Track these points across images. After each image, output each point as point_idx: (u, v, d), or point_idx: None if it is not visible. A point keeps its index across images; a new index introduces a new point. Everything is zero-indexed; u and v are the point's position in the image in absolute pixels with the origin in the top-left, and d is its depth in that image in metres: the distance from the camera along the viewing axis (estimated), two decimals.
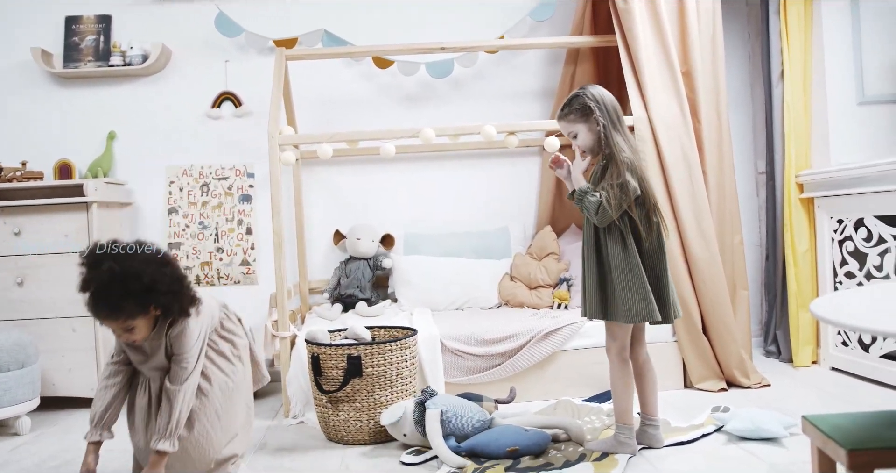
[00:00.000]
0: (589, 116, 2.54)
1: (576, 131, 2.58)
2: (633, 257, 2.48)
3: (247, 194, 4.24)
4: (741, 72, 4.47)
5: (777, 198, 4.00)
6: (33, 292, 3.69)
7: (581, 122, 2.56)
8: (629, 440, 2.59)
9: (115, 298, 2.08)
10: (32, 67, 4.21)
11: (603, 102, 2.54)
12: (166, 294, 2.16)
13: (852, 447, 1.58)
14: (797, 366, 3.81)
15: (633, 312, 2.47)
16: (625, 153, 2.51)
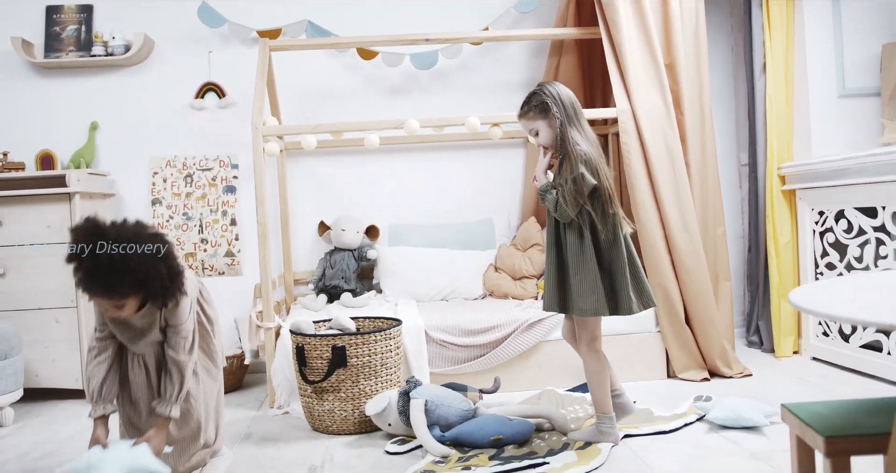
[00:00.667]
0: (548, 113, 2.58)
1: (536, 128, 2.63)
2: (587, 250, 2.52)
3: (231, 184, 4.22)
4: (724, 64, 4.50)
5: (759, 190, 4.03)
6: (16, 284, 3.67)
7: (540, 118, 2.61)
8: (610, 429, 2.61)
9: (110, 282, 2.07)
10: (13, 57, 4.17)
11: (560, 98, 2.58)
12: (161, 288, 2.16)
13: (830, 434, 1.60)
14: (779, 356, 3.85)
15: (584, 306, 2.52)
16: (579, 147, 2.53)
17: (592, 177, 2.50)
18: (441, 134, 4.08)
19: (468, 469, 2.42)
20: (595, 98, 4.31)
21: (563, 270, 2.60)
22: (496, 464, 2.44)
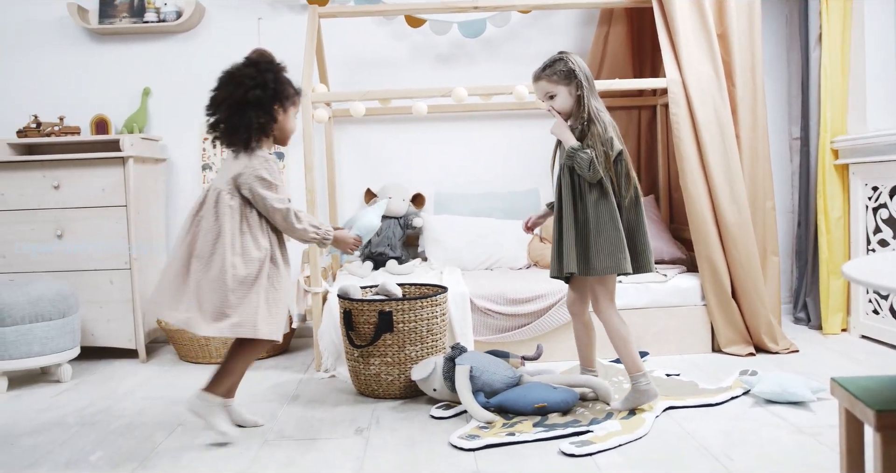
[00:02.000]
0: (571, 81, 2.63)
1: (555, 92, 2.66)
2: (612, 210, 2.57)
3: (279, 151, 4.27)
4: (777, 35, 4.40)
5: (811, 164, 3.96)
6: (73, 245, 3.77)
7: (563, 84, 2.65)
8: (647, 385, 2.63)
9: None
10: (69, 23, 4.24)
11: (583, 69, 2.65)
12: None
13: (880, 408, 1.59)
14: (826, 333, 3.81)
15: (608, 264, 2.57)
16: (604, 114, 2.63)
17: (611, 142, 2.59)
18: (488, 103, 4.07)
19: (512, 434, 2.45)
20: (644, 68, 4.26)
21: (582, 230, 2.62)
22: (540, 431, 2.47)
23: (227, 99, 2.47)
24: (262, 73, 2.49)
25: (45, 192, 3.77)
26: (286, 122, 2.59)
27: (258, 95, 2.46)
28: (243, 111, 2.45)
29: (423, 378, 2.84)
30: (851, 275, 1.57)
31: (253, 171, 2.46)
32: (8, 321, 3.22)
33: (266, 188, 2.47)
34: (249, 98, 2.45)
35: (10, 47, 4.28)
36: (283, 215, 2.50)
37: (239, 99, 2.45)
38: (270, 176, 2.48)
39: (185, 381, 3.39)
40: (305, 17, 4.08)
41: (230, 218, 2.47)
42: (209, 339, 3.65)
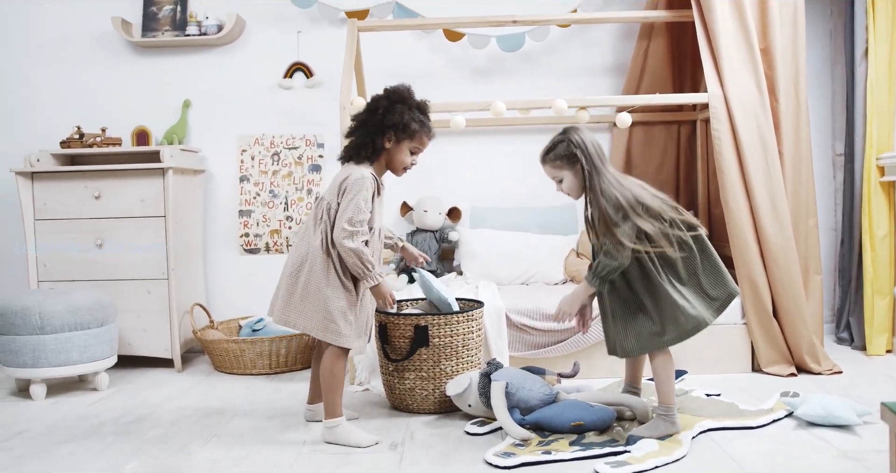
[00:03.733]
0: (575, 163, 2.57)
1: (561, 177, 2.64)
2: (657, 282, 2.52)
3: (316, 163, 4.29)
4: (822, 49, 4.33)
5: (855, 181, 3.88)
6: (111, 255, 3.82)
7: (567, 168, 2.60)
8: (674, 418, 2.57)
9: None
10: (113, 37, 4.32)
11: (586, 147, 2.57)
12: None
13: None
14: (870, 354, 3.72)
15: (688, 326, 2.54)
16: (608, 193, 2.51)
17: (626, 218, 2.49)
18: (526, 117, 4.05)
19: (548, 453, 2.41)
20: (684, 83, 4.22)
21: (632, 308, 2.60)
22: (577, 450, 2.43)
23: (353, 119, 2.72)
24: (379, 99, 2.66)
25: (86, 202, 3.83)
26: (396, 153, 2.69)
27: (364, 118, 2.65)
28: (354, 131, 2.68)
29: (458, 394, 2.82)
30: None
31: (352, 178, 2.58)
32: (48, 329, 3.27)
33: (354, 193, 2.56)
34: (359, 119, 2.68)
35: (55, 60, 4.37)
36: (339, 226, 2.54)
37: (355, 119, 2.70)
38: (363, 187, 2.57)
39: (220, 391, 3.41)
40: (345, 30, 4.11)
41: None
42: (244, 350, 3.66)
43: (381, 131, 2.63)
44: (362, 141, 2.65)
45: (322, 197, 2.65)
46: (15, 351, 3.28)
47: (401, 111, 2.62)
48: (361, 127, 2.65)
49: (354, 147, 2.66)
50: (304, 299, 2.61)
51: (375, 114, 2.63)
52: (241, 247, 4.30)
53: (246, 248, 4.30)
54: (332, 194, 2.61)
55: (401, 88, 2.69)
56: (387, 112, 2.61)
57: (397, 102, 2.63)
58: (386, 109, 2.62)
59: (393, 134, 2.63)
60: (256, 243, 4.29)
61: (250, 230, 4.29)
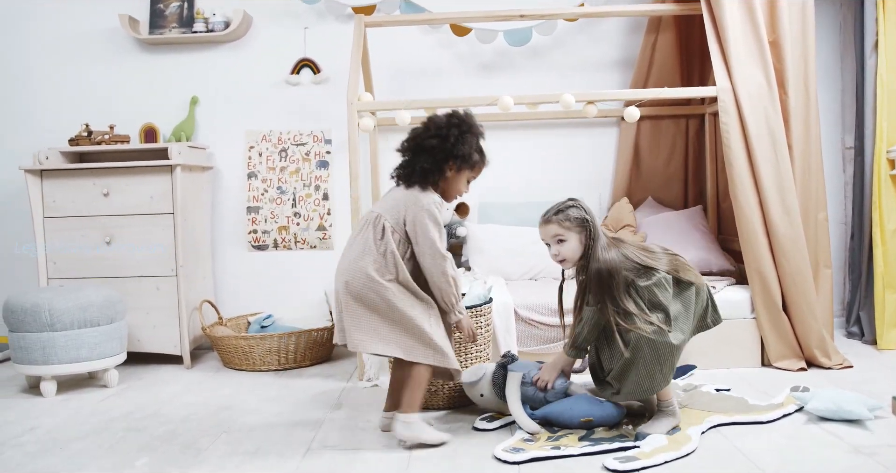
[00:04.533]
0: (583, 229, 2.57)
1: (565, 238, 2.59)
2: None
3: (324, 160, 4.29)
4: (831, 42, 4.30)
5: (865, 174, 3.86)
6: (120, 252, 3.83)
7: (574, 231, 2.58)
8: (674, 410, 2.60)
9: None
10: (120, 34, 4.32)
11: (593, 216, 2.60)
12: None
13: None
14: (881, 348, 3.70)
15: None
16: (603, 258, 2.52)
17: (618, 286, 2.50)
18: (534, 112, 4.04)
19: (557, 448, 2.41)
20: (692, 76, 4.20)
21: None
22: (586, 445, 2.43)
23: (415, 139, 2.60)
24: (450, 126, 2.57)
25: (94, 199, 3.84)
26: (456, 182, 2.65)
27: (433, 144, 2.55)
28: (418, 154, 2.57)
29: (471, 383, 2.81)
30: None
31: (423, 205, 2.52)
32: (58, 326, 3.28)
33: (433, 223, 2.52)
34: (426, 144, 2.56)
35: (63, 57, 4.38)
36: (433, 252, 2.51)
37: (420, 142, 2.58)
38: (439, 214, 2.54)
39: (229, 388, 3.42)
40: (351, 26, 4.10)
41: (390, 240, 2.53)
42: (252, 346, 3.67)
43: (447, 159, 2.58)
44: (431, 167, 2.56)
45: (378, 215, 2.55)
46: (25, 348, 3.29)
47: (470, 142, 2.59)
48: (429, 152, 2.56)
49: (422, 172, 2.56)
50: (392, 325, 2.51)
51: (447, 141, 2.55)
52: (249, 244, 4.31)
53: (254, 244, 4.30)
54: (396, 215, 2.53)
55: (469, 117, 2.63)
56: (458, 141, 2.56)
57: (467, 132, 2.59)
58: (457, 139, 2.56)
59: (458, 163, 2.59)
60: (265, 239, 4.29)
61: (258, 227, 4.29)
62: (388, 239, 2.51)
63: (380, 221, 2.54)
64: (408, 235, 2.53)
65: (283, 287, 4.31)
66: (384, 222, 2.53)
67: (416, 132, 2.61)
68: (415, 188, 2.57)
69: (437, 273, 2.52)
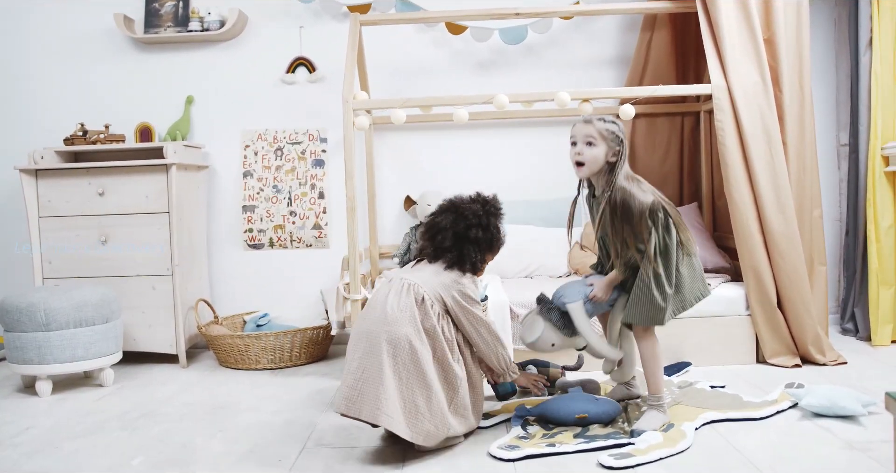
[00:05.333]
0: (614, 146, 2.59)
1: (595, 142, 2.60)
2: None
3: (320, 158, 4.29)
4: (826, 39, 4.31)
5: (860, 171, 3.87)
6: (116, 251, 3.83)
7: (605, 143, 2.59)
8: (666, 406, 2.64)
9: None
10: (115, 33, 4.32)
11: (626, 145, 2.63)
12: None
13: None
14: (875, 345, 3.71)
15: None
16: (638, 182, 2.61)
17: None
18: (530, 110, 4.05)
19: (552, 445, 2.42)
20: (688, 74, 4.20)
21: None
22: (581, 442, 2.43)
23: (451, 228, 2.59)
24: (488, 215, 2.63)
25: (90, 198, 3.84)
26: (485, 264, 2.71)
27: (478, 236, 2.59)
28: (463, 244, 2.57)
29: (536, 339, 2.71)
30: None
31: (464, 288, 2.53)
32: (53, 326, 3.28)
33: (471, 304, 2.53)
34: (471, 235, 2.57)
35: (58, 57, 4.37)
36: (488, 327, 2.56)
37: (460, 232, 2.58)
38: (474, 294, 2.56)
39: (225, 387, 3.42)
40: (347, 24, 4.10)
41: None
42: (248, 345, 3.67)
43: (490, 249, 2.66)
44: (477, 258, 2.60)
45: (414, 285, 2.50)
46: (21, 348, 3.29)
47: (501, 229, 2.68)
48: (475, 244, 2.58)
49: (472, 262, 2.59)
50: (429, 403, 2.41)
51: (489, 232, 2.61)
52: (244, 243, 4.31)
53: (250, 243, 4.30)
54: (433, 291, 2.50)
55: (497, 201, 2.71)
56: (497, 231, 2.65)
57: (500, 219, 2.68)
58: (496, 229, 2.65)
59: (491, 251, 2.68)
60: (260, 238, 4.29)
61: (254, 226, 4.29)
62: (432, 318, 2.47)
63: (414, 288, 2.50)
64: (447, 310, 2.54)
65: (278, 286, 4.31)
66: (424, 294, 2.49)
67: (449, 220, 2.60)
68: (456, 270, 2.57)
69: (489, 338, 2.58)
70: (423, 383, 2.38)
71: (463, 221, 2.58)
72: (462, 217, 2.59)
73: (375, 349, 2.38)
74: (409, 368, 2.38)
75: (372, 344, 2.39)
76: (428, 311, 2.46)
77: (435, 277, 2.54)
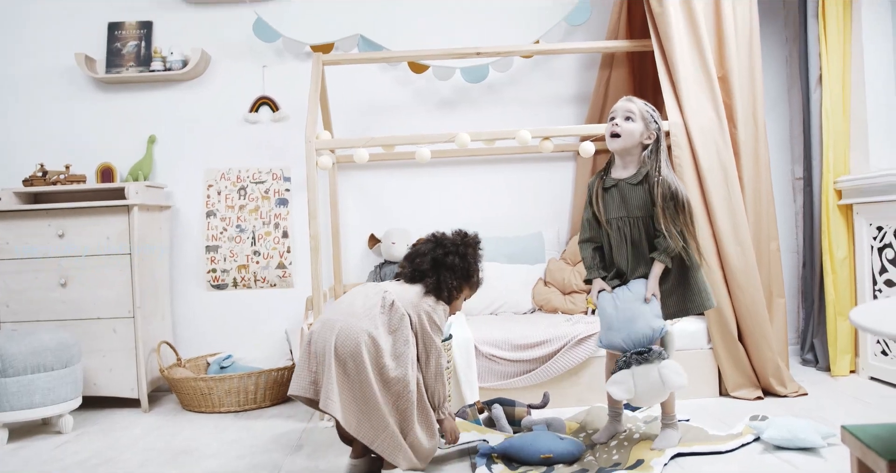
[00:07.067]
0: (650, 127, 2.75)
1: (634, 118, 2.74)
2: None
3: (283, 197, 4.29)
4: (778, 76, 4.43)
5: (815, 204, 3.96)
6: (76, 293, 3.77)
7: (643, 122, 2.74)
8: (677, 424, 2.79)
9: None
10: (76, 73, 4.30)
11: (662, 135, 2.78)
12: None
13: (893, 457, 1.57)
14: (835, 375, 3.77)
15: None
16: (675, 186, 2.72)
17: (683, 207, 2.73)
18: (491, 147, 4.09)
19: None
20: None
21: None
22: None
23: (430, 253, 2.71)
24: (466, 246, 2.75)
25: (49, 240, 3.79)
26: (459, 299, 2.78)
27: (454, 263, 2.69)
28: (441, 269, 2.68)
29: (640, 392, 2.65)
30: (859, 322, 1.55)
31: (433, 311, 2.61)
32: (10, 372, 3.21)
33: (434, 331, 2.61)
34: (447, 261, 2.68)
35: (18, 96, 4.34)
36: (438, 359, 2.61)
37: (438, 257, 2.69)
38: (441, 323, 2.64)
39: (188, 431, 3.36)
40: (310, 64, 4.14)
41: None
42: (212, 388, 3.63)
43: (468, 281, 2.74)
44: (452, 285, 2.68)
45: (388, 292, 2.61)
46: None
47: (479, 265, 2.79)
48: (451, 269, 2.68)
49: (448, 288, 2.67)
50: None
51: (465, 260, 2.71)
52: (208, 283, 4.27)
53: (213, 284, 4.27)
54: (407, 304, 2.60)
55: (478, 239, 2.82)
56: (473, 262, 2.75)
57: (478, 254, 2.79)
58: (473, 259, 2.75)
59: (467, 282, 2.75)
60: (224, 278, 4.26)
61: (217, 266, 4.26)
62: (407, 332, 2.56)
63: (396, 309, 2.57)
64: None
65: (242, 327, 4.27)
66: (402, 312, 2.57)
67: (429, 248, 2.73)
68: (431, 297, 2.65)
69: (429, 364, 2.59)
70: (364, 387, 2.43)
71: (441, 248, 2.71)
72: (441, 246, 2.73)
73: (328, 345, 2.44)
74: (349, 367, 2.43)
75: (326, 338, 2.47)
76: (396, 315, 2.55)
77: (412, 295, 2.63)
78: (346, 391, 2.41)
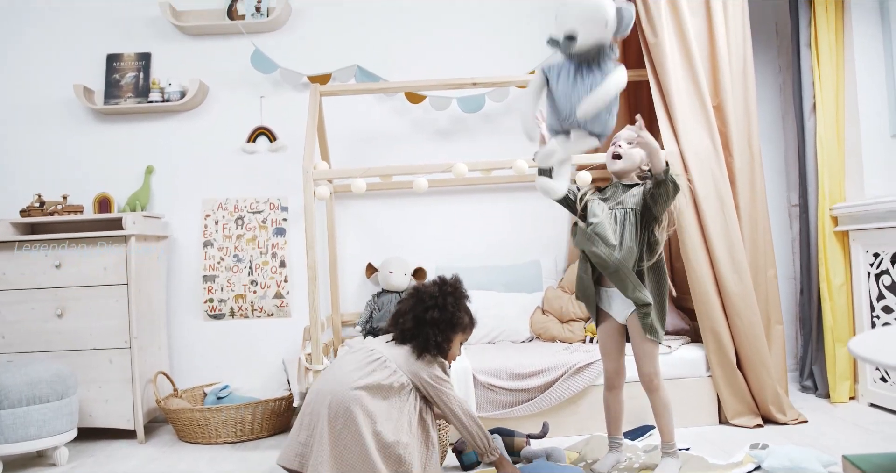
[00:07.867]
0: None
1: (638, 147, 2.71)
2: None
3: (281, 227, 4.29)
4: (773, 105, 4.47)
5: (811, 231, 3.97)
6: (72, 324, 3.75)
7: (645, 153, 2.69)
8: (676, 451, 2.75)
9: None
10: (75, 104, 4.33)
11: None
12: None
13: None
14: (834, 402, 3.75)
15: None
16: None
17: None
18: (489, 177, 4.11)
19: None
20: None
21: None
22: None
23: (411, 311, 2.69)
24: (444, 295, 2.69)
25: (46, 271, 3.78)
26: (455, 348, 2.76)
27: (434, 317, 2.65)
28: (423, 327, 2.65)
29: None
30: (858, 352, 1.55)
31: (431, 373, 2.63)
32: (5, 404, 3.18)
33: (441, 384, 2.63)
34: (428, 317, 2.65)
35: (16, 127, 4.35)
36: (461, 405, 2.64)
37: (419, 314, 2.66)
38: (444, 376, 2.66)
39: (185, 463, 3.33)
40: (307, 94, 4.16)
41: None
42: (208, 418, 3.60)
43: (454, 329, 2.70)
44: (438, 340, 2.65)
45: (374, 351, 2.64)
46: None
47: (464, 309, 2.73)
48: (433, 324, 2.65)
49: (437, 345, 2.65)
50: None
51: (445, 312, 2.66)
52: (205, 312, 4.26)
53: (210, 313, 4.25)
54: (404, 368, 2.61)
55: (457, 282, 2.77)
56: (456, 310, 2.69)
57: (460, 298, 2.73)
58: (454, 307, 2.68)
59: (454, 330, 2.71)
60: (221, 308, 4.25)
61: (214, 296, 4.25)
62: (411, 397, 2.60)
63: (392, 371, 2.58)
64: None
65: (239, 357, 4.25)
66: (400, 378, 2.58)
67: (410, 304, 2.70)
68: (425, 359, 2.64)
69: (463, 415, 2.65)
70: (360, 450, 2.42)
71: (421, 304, 2.68)
72: (420, 301, 2.69)
73: (321, 411, 2.48)
74: (343, 435, 2.43)
75: (318, 405, 2.50)
76: (388, 371, 2.55)
77: (403, 359, 2.62)
78: (340, 459, 2.42)
